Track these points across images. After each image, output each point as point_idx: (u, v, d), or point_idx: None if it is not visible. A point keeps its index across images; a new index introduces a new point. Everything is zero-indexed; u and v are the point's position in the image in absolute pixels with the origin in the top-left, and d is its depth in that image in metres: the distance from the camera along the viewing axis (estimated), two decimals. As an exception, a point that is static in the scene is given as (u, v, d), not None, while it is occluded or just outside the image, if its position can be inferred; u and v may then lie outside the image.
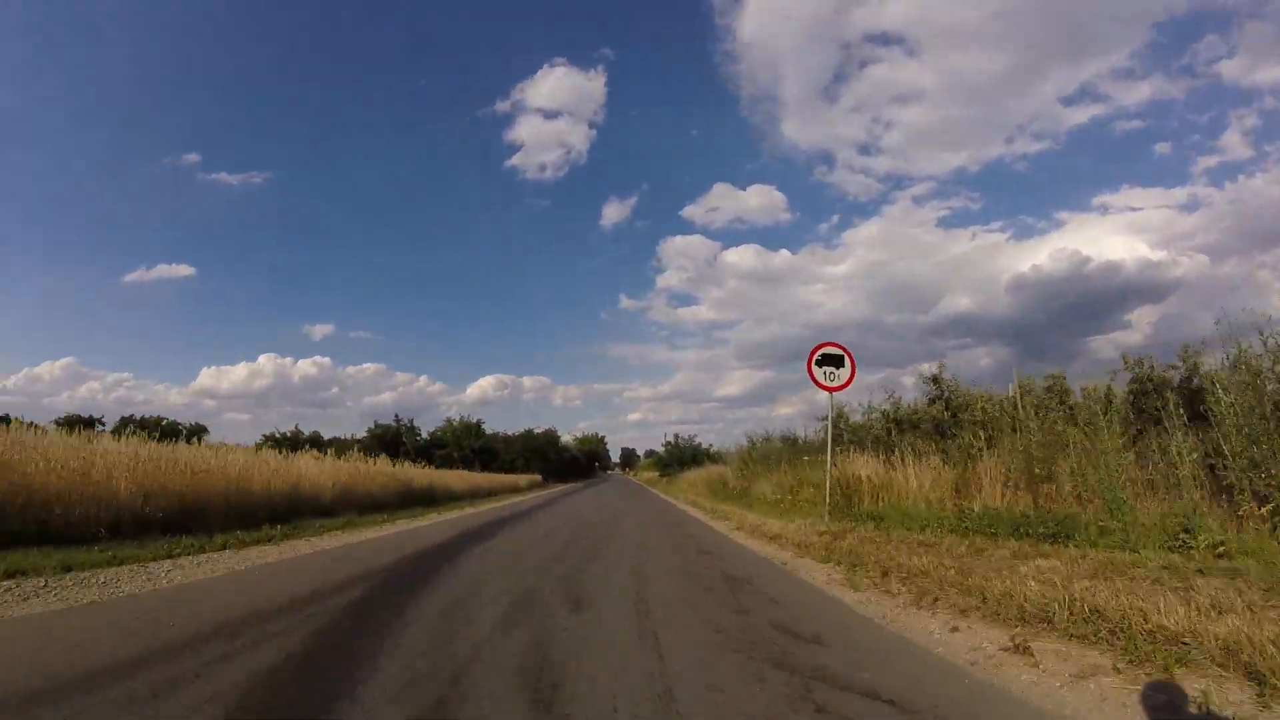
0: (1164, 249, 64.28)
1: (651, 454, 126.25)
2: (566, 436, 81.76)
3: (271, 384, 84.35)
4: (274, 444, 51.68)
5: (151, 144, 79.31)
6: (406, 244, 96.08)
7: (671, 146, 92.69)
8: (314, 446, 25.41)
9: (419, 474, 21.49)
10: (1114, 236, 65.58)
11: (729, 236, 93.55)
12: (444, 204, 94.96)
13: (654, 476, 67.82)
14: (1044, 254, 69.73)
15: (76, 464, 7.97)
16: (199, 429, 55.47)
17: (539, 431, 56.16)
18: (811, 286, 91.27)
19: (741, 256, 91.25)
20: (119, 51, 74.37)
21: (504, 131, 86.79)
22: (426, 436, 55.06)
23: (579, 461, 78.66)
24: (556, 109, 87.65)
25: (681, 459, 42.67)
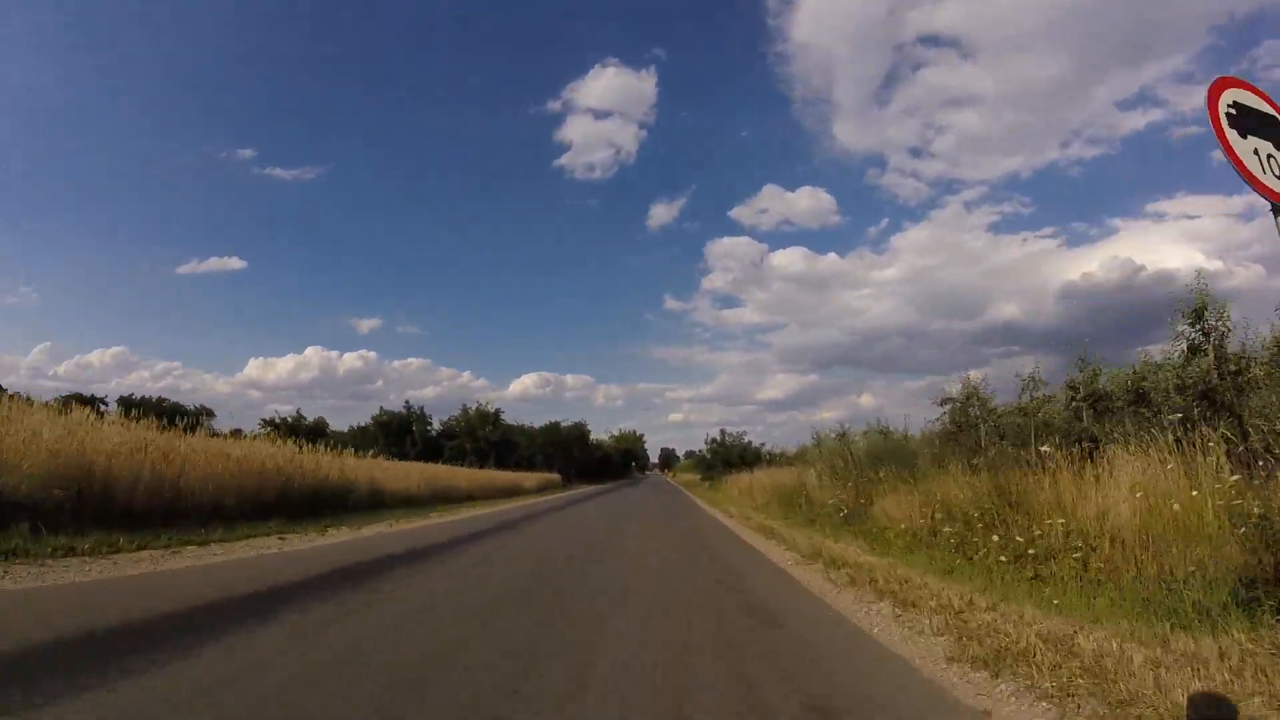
0: (1219, 259, 59.80)
1: (691, 455, 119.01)
2: (601, 434, 77.72)
3: (317, 376, 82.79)
4: (274, 429, 45.26)
5: (207, 139, 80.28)
6: (454, 240, 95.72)
7: (721, 147, 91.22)
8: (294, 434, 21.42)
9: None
10: (1168, 245, 63.65)
11: (777, 239, 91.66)
12: (493, 202, 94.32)
13: (693, 479, 60.53)
14: (1096, 262, 67.88)
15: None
16: (205, 411, 51.58)
17: (567, 424, 49.64)
18: (858, 291, 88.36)
19: (789, 259, 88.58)
20: (177, 47, 75.74)
21: (554, 131, 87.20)
22: (439, 426, 49.47)
23: (611, 460, 72.06)
24: (607, 109, 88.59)
25: (728, 459, 35.32)
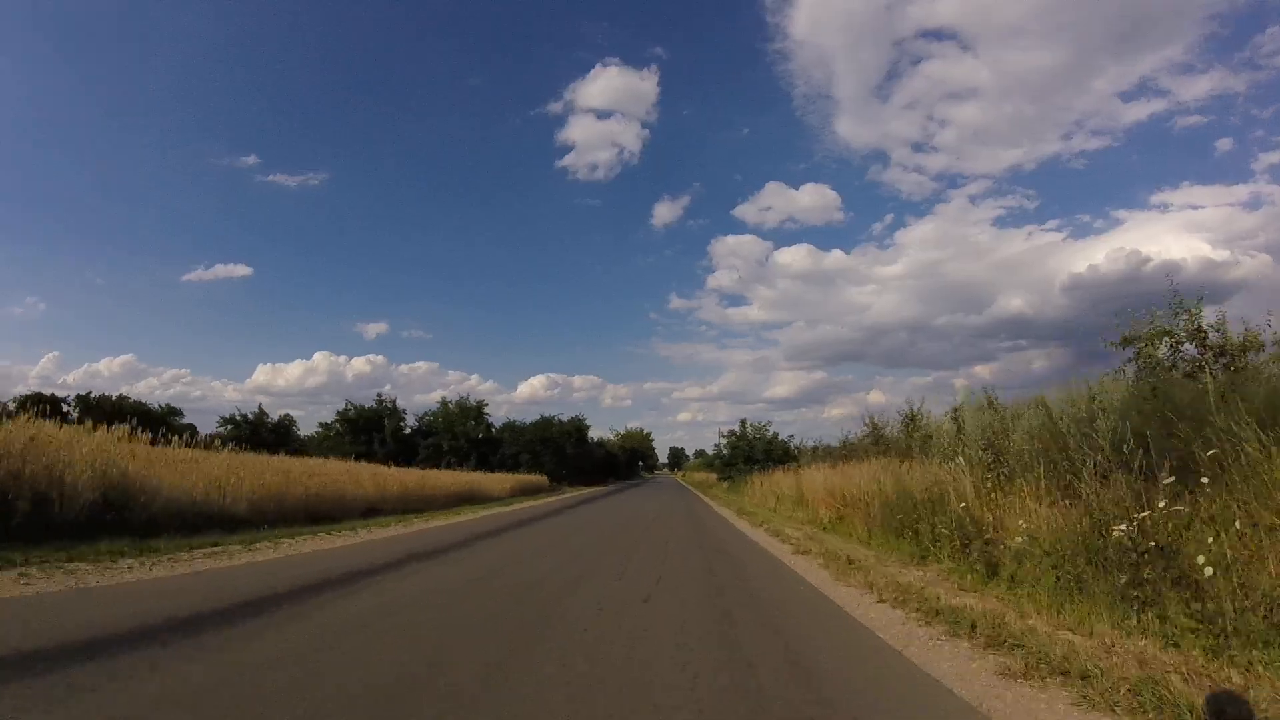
0: (1225, 248, 60.71)
1: (701, 453, 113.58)
2: (606, 432, 74.20)
3: (325, 381, 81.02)
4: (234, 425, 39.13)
5: (212, 146, 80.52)
6: (459, 243, 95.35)
7: (724, 145, 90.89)
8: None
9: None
10: (1174, 235, 62.78)
11: (781, 236, 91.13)
12: (497, 204, 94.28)
13: (705, 479, 54.02)
14: (1101, 254, 67.59)
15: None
16: (173, 410, 45.86)
17: (563, 420, 43.45)
18: (863, 287, 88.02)
19: (794, 256, 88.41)
20: (179, 55, 74.90)
21: (557, 132, 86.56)
22: (415, 422, 43.54)
23: (616, 460, 65.95)
24: (609, 109, 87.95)
25: (750, 455, 29.08)
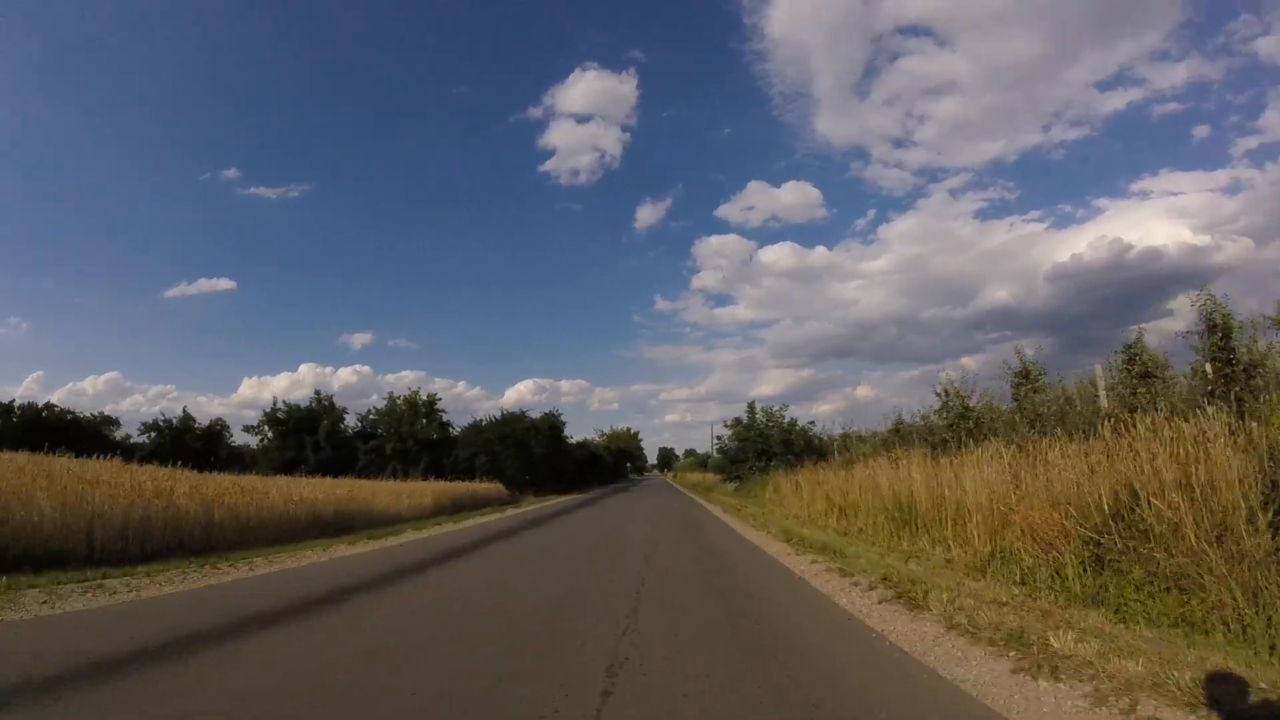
0: (1207, 233, 61.29)
1: (691, 453, 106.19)
2: (593, 434, 69.58)
3: (312, 393, 75.41)
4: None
5: (192, 160, 79.99)
6: (444, 252, 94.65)
7: (705, 146, 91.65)
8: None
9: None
10: (1155, 222, 63.63)
11: (765, 235, 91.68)
12: (479, 211, 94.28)
13: (701, 480, 47.62)
14: (1084, 242, 68.36)
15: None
16: (108, 420, 38.68)
17: (534, 417, 36.59)
18: (848, 283, 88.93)
19: (778, 255, 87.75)
20: (158, 68, 74.58)
21: (537, 137, 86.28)
22: (356, 423, 36.71)
23: (601, 462, 59.25)
24: (588, 112, 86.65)
25: (766, 449, 22.66)
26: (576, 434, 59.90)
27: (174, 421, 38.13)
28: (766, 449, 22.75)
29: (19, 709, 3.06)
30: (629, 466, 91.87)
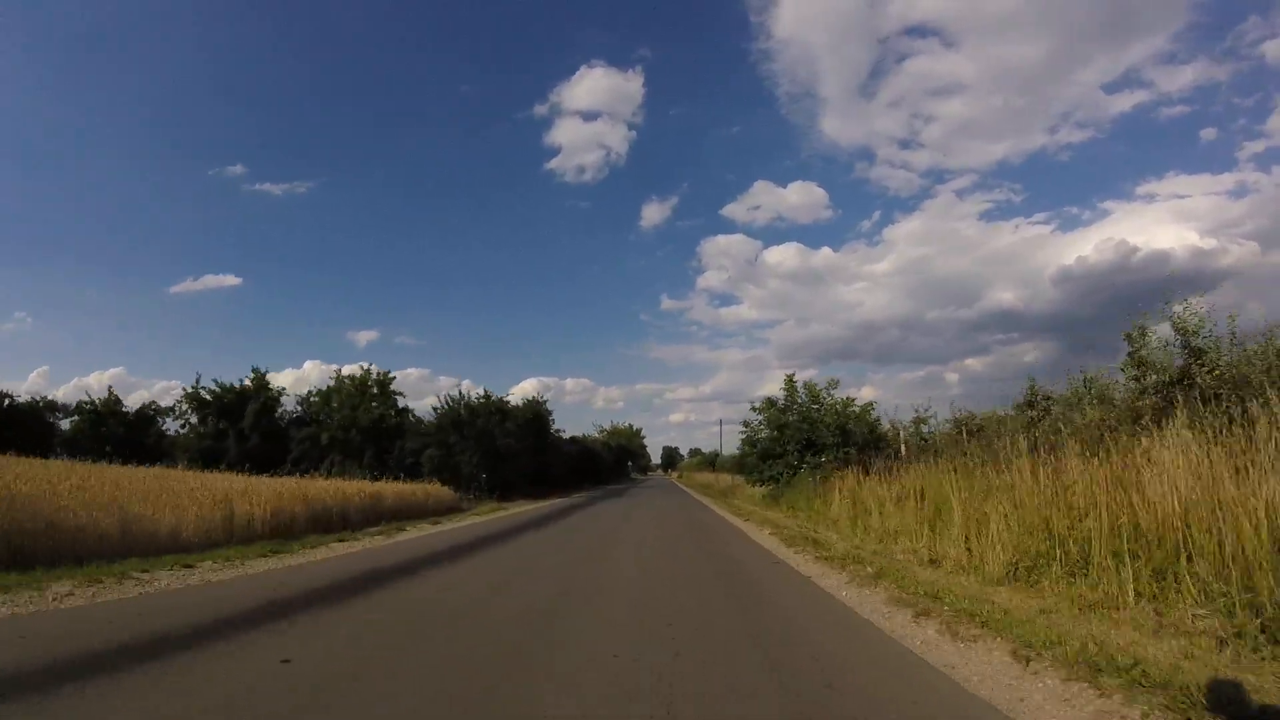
0: (1213, 237, 60.02)
1: (696, 452, 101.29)
2: (592, 430, 64.16)
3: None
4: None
5: (197, 156, 79.04)
6: (449, 249, 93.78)
7: (711, 145, 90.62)
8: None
9: None
10: (1161, 225, 62.41)
11: (770, 235, 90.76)
12: (485, 208, 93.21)
13: (712, 481, 40.79)
14: (1090, 245, 67.54)
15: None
16: (52, 405, 32.77)
17: (514, 405, 29.60)
18: (852, 285, 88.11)
19: (783, 255, 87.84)
20: (163, 65, 73.78)
21: (543, 134, 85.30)
22: (295, 407, 29.96)
23: (599, 461, 52.40)
24: (595, 110, 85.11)
25: (813, 439, 15.73)
26: (577, 432, 53.86)
27: (98, 404, 31.79)
28: (814, 439, 15.79)
29: None
30: (630, 465, 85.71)
